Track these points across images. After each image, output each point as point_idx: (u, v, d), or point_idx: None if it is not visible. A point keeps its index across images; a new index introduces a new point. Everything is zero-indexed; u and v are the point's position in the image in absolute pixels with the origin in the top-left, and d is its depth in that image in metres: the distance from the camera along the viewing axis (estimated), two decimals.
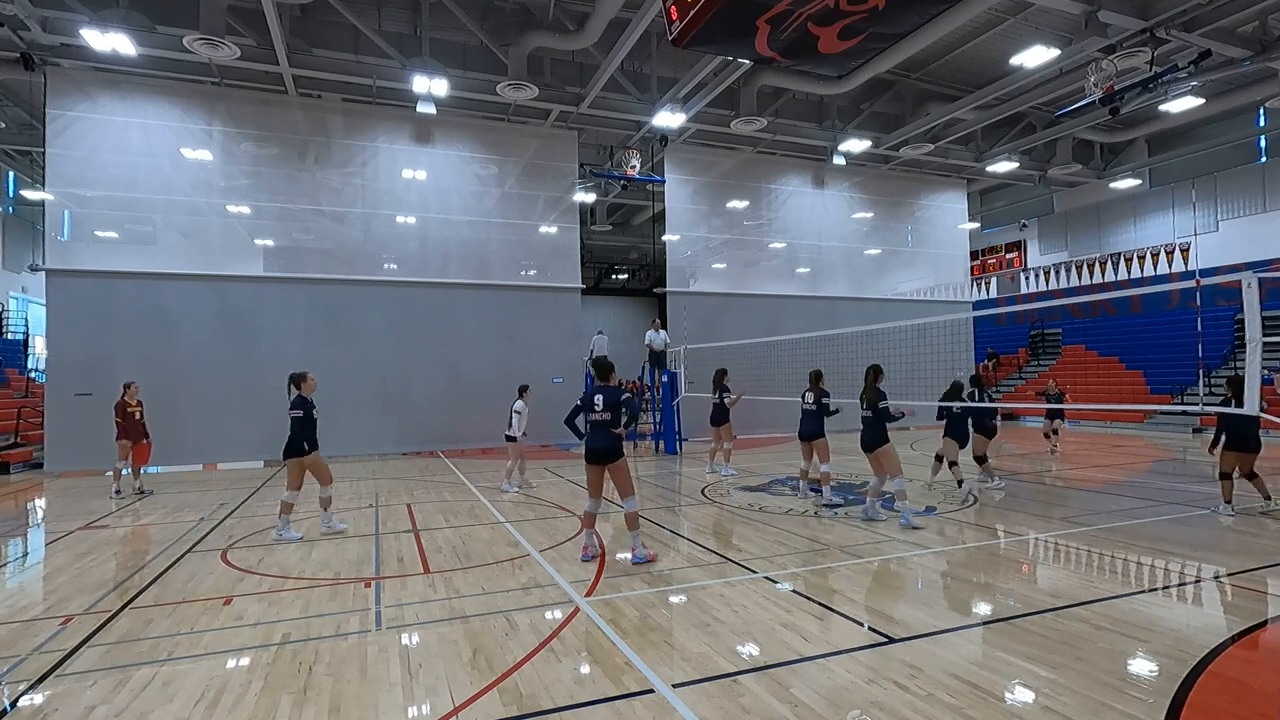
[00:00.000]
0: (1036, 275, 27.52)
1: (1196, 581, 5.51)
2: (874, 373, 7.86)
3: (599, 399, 6.22)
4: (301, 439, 7.22)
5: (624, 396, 6.28)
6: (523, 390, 10.50)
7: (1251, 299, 6.61)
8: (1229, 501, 7.82)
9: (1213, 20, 12.45)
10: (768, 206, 20.37)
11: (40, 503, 10.54)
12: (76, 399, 13.19)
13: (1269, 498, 8.03)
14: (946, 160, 20.65)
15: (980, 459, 9.93)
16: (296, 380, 7.42)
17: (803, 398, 9.17)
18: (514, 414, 10.32)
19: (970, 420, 9.75)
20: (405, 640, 4.43)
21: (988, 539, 7.06)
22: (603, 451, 6.18)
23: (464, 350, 16.47)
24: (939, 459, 10.14)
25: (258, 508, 9.45)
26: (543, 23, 14.23)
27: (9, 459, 13.87)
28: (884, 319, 13.95)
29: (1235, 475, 7.83)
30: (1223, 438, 7.80)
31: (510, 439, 10.37)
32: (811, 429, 9.02)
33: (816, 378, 9.15)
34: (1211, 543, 6.62)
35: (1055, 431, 14.08)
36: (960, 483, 9.07)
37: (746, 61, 13.28)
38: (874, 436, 7.65)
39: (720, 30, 5.33)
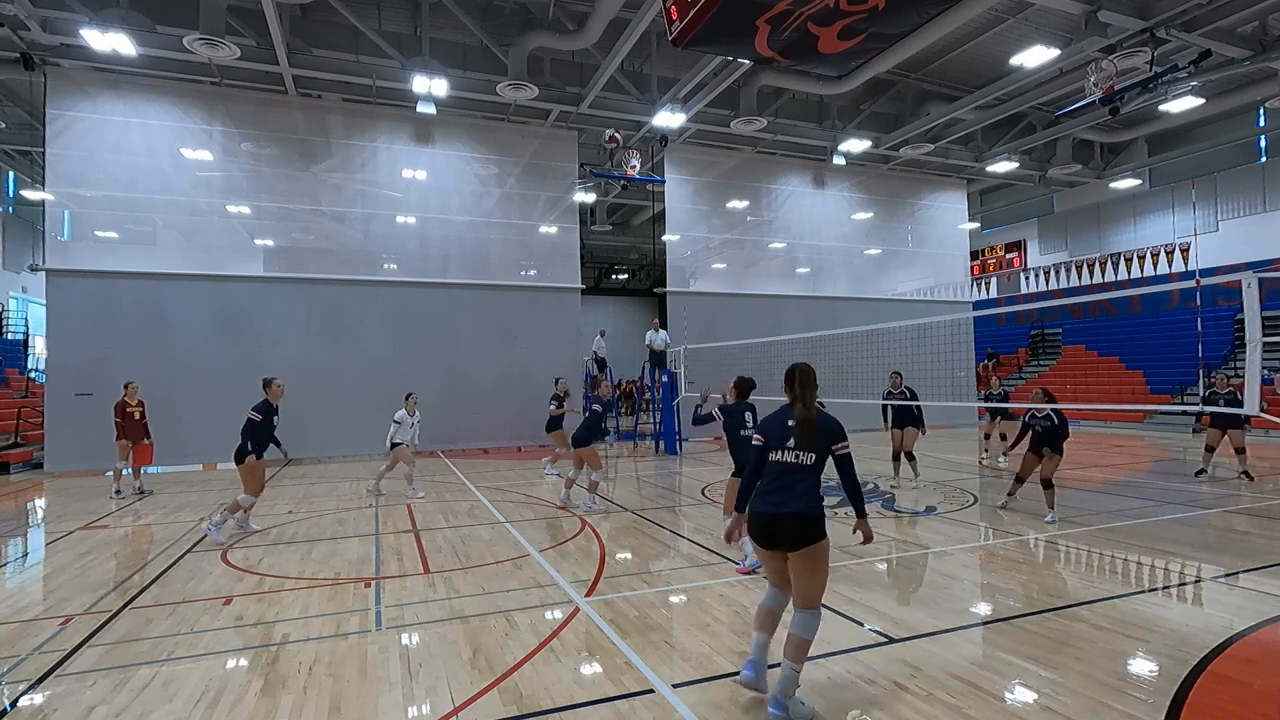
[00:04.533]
0: (1036, 275, 27.52)
1: (1196, 581, 5.51)
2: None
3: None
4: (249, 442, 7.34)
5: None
6: (407, 398, 10.25)
7: (1251, 299, 6.62)
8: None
9: (1213, 20, 12.45)
10: (768, 206, 20.37)
11: (40, 503, 10.54)
12: (76, 399, 13.19)
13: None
14: (946, 160, 20.65)
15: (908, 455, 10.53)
16: (265, 384, 7.59)
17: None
18: (393, 422, 9.94)
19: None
20: (405, 640, 4.43)
21: (988, 539, 7.06)
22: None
23: (464, 350, 16.47)
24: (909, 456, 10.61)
25: (258, 508, 9.43)
26: (543, 23, 14.23)
27: (9, 459, 13.86)
28: (884, 319, 13.96)
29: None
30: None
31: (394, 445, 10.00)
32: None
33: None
34: (1211, 543, 6.62)
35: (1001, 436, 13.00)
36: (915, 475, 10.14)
37: (746, 61, 13.27)
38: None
39: (720, 30, 5.33)
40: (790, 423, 3.57)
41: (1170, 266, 22.80)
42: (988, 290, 29.25)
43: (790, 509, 3.41)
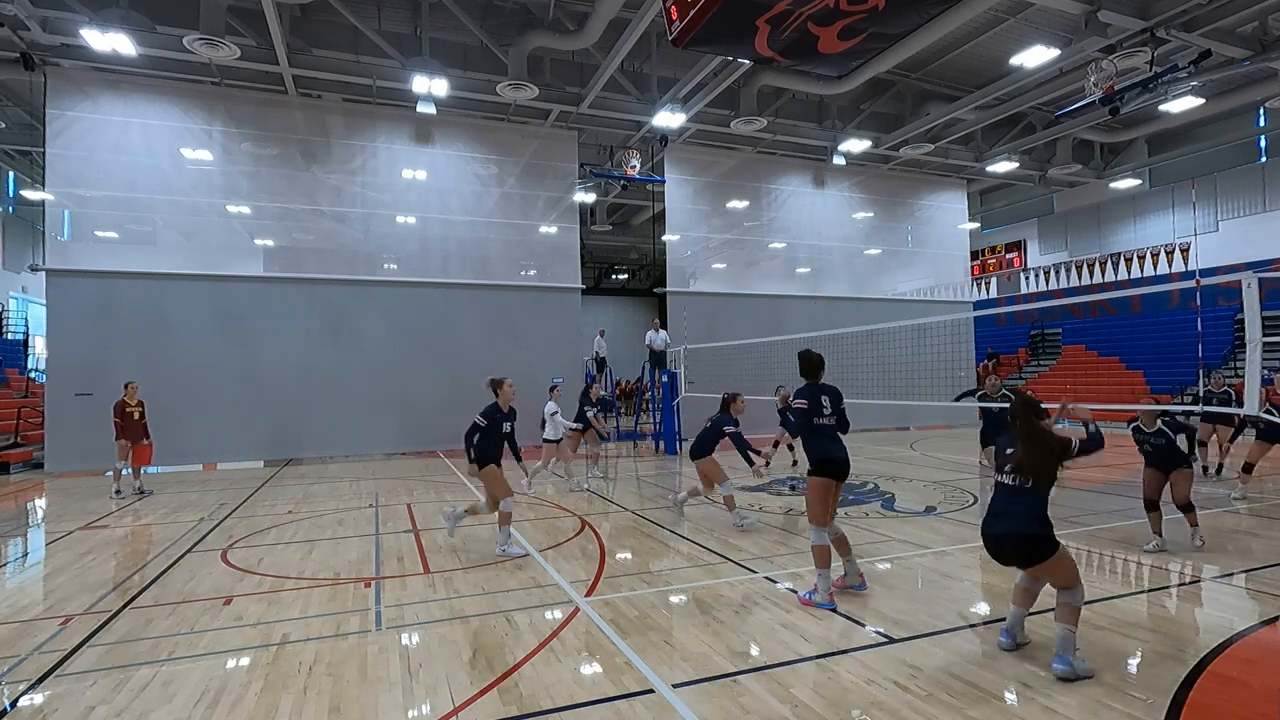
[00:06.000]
0: (1036, 275, 27.52)
1: (1196, 581, 5.50)
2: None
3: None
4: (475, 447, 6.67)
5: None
6: (552, 389, 10.66)
7: (1251, 299, 6.60)
8: None
9: (1213, 20, 12.45)
10: (768, 206, 20.37)
11: (40, 503, 10.54)
12: (76, 399, 13.19)
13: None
14: (946, 160, 20.65)
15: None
16: (493, 386, 6.87)
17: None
18: (547, 416, 10.17)
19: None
20: (405, 640, 4.43)
21: None
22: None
23: (464, 350, 16.46)
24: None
25: (258, 508, 9.45)
26: (543, 23, 14.23)
27: (9, 459, 13.86)
28: (884, 319, 13.94)
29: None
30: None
31: (548, 441, 10.25)
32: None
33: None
34: (1211, 543, 6.61)
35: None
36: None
37: (746, 61, 13.27)
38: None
39: (720, 30, 5.32)
40: (1009, 450, 4.05)
41: (1170, 266, 22.79)
42: (988, 290, 29.24)
43: (1008, 529, 3.91)
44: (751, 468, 7.29)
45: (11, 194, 23.92)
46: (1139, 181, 23.16)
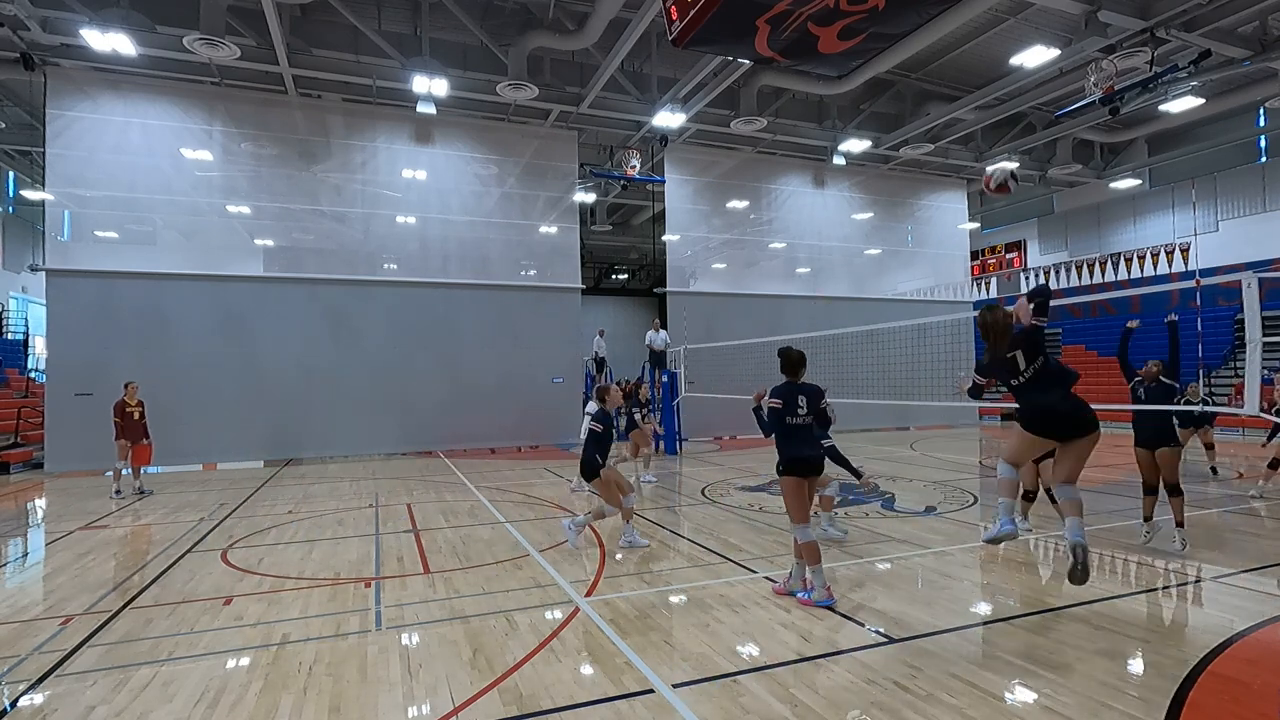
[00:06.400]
0: (1036, 275, 27.50)
1: (1196, 581, 5.50)
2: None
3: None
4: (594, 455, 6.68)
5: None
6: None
7: (1251, 299, 6.61)
8: None
9: (1213, 20, 12.45)
10: (768, 206, 20.37)
11: (40, 503, 10.54)
12: (76, 399, 13.19)
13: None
14: (946, 160, 20.65)
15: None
16: (600, 393, 7.11)
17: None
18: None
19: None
20: (405, 640, 4.43)
21: None
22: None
23: (464, 350, 16.47)
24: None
25: (258, 508, 9.45)
26: (543, 23, 14.23)
27: (9, 459, 13.86)
28: (884, 319, 13.94)
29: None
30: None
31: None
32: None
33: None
34: (1211, 543, 6.62)
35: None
36: None
37: (746, 61, 13.27)
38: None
39: (720, 30, 5.33)
40: (1004, 369, 4.61)
41: (1170, 266, 22.77)
42: (988, 290, 29.17)
43: (1065, 403, 4.32)
44: (859, 480, 7.41)
45: (11, 194, 23.90)
46: (1139, 181, 23.16)
